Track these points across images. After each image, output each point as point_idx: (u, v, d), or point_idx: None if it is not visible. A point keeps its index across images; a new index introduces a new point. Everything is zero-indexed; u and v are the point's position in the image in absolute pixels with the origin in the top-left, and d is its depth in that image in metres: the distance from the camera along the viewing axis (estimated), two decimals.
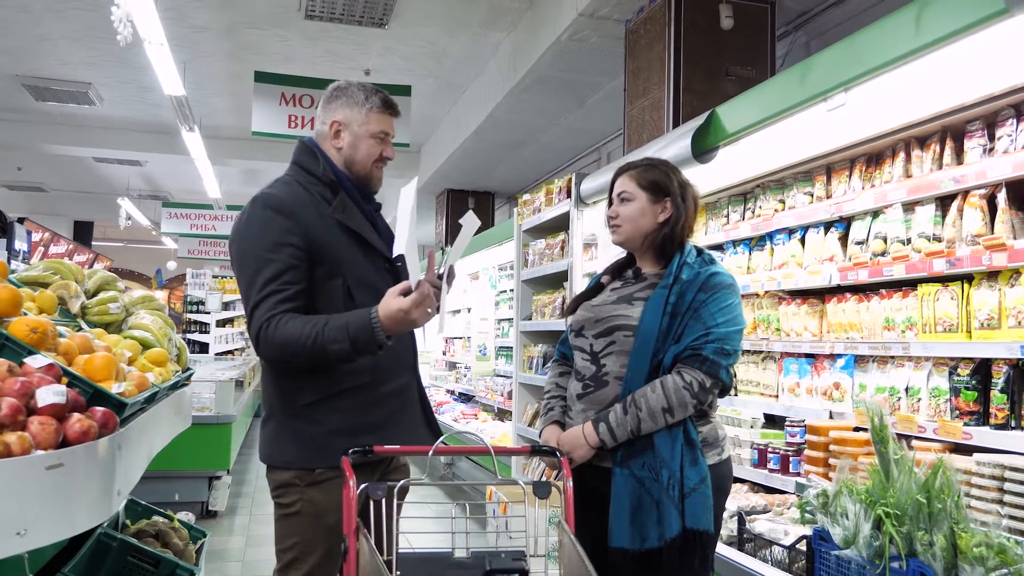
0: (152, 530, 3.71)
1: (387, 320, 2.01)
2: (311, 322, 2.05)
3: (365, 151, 2.27)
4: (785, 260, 3.46)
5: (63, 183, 14.57)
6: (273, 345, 2.06)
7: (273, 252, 2.09)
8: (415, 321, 2.03)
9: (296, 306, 2.09)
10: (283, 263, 2.08)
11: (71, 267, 3.38)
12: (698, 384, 2.11)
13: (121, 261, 20.52)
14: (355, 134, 2.26)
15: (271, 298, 2.07)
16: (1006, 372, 2.52)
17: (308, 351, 2.03)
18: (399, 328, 2.04)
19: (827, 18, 5.05)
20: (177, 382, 3.25)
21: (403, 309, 2.00)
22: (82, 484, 1.72)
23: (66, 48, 7.70)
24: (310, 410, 2.15)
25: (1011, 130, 2.56)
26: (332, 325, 2.03)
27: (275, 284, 2.07)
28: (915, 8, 2.26)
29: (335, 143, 2.28)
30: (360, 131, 2.26)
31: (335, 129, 2.28)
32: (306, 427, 2.15)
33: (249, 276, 2.11)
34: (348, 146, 2.27)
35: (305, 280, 2.12)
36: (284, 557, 2.15)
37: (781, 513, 3.05)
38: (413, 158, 10.87)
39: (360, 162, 2.28)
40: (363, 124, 2.26)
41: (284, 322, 2.05)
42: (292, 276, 2.09)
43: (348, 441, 1.96)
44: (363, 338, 2.01)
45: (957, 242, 2.71)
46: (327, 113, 2.30)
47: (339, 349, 2.02)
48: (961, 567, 1.99)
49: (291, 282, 2.08)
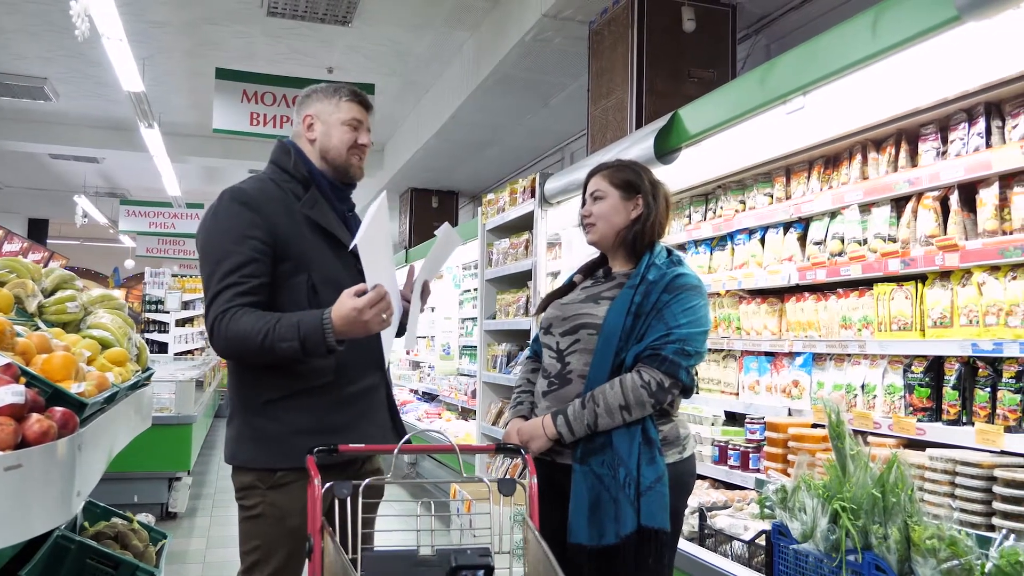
0: (111, 532, 3.66)
1: (339, 321, 1.99)
2: (265, 318, 2.03)
3: (338, 137, 2.27)
4: (745, 260, 3.51)
5: (17, 180, 14.25)
6: (225, 338, 2.05)
7: (236, 244, 2.08)
8: (368, 323, 2.00)
9: (254, 300, 2.07)
10: (245, 256, 2.07)
11: (28, 265, 3.32)
12: (656, 383, 2.13)
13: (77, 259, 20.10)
14: (327, 123, 2.27)
15: (229, 290, 2.05)
16: (958, 369, 2.59)
17: (258, 347, 2.01)
18: (352, 330, 2.01)
19: (787, 22, 5.13)
20: (137, 382, 3.20)
21: (356, 308, 1.97)
22: (41, 485, 1.70)
23: (20, 42, 7.54)
24: (272, 408, 2.13)
25: (963, 134, 2.63)
26: (284, 323, 2.01)
27: (234, 276, 2.06)
28: (872, 14, 2.32)
29: (309, 135, 2.29)
30: (331, 119, 2.27)
31: (308, 123, 2.29)
32: (267, 425, 2.13)
33: (210, 267, 2.10)
34: (321, 135, 2.27)
35: (267, 275, 2.10)
36: (247, 559, 2.14)
37: (741, 509, 3.10)
38: (377, 157, 10.82)
39: (335, 148, 2.27)
40: (334, 113, 2.27)
41: (239, 316, 2.03)
42: (253, 269, 2.08)
43: (311, 441, 1.94)
44: (313, 338, 1.99)
45: (911, 243, 2.78)
46: (300, 112, 2.32)
47: (288, 348, 2.00)
48: (914, 559, 2.04)
49: (251, 275, 2.07)
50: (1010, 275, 2.45)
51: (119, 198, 14.81)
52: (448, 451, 1.96)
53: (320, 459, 1.89)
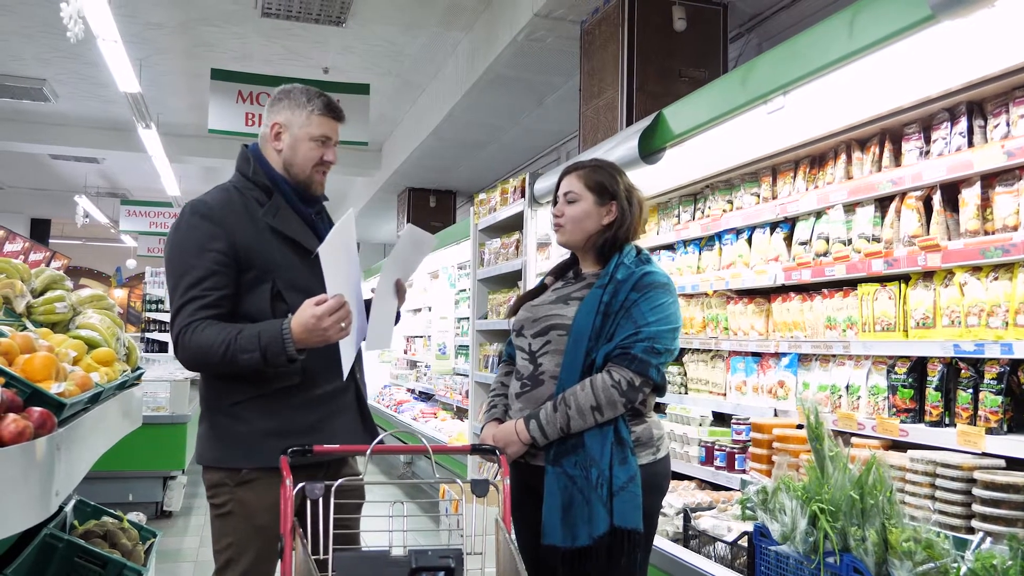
0: (100, 531, 3.67)
1: (299, 329, 2.01)
2: (227, 330, 2.05)
3: (304, 154, 2.25)
4: (733, 260, 3.51)
5: (19, 180, 14.30)
6: (189, 351, 2.08)
7: (196, 258, 2.10)
8: (326, 331, 2.01)
9: (217, 313, 2.09)
10: (205, 269, 2.09)
11: (17, 266, 3.33)
12: (627, 382, 2.13)
13: (80, 259, 20.13)
14: (295, 136, 2.25)
15: (191, 304, 2.08)
16: (940, 370, 2.58)
17: (220, 359, 2.04)
18: (311, 338, 2.02)
19: (778, 21, 5.11)
20: (125, 382, 3.21)
21: (315, 316, 1.99)
22: (17, 484, 1.70)
23: (18, 44, 7.56)
24: (238, 409, 2.15)
25: (945, 133, 2.62)
26: (245, 334, 2.04)
27: (196, 290, 2.08)
28: (848, 13, 2.31)
29: (275, 145, 2.27)
30: (300, 133, 2.25)
31: (276, 131, 2.27)
32: (233, 426, 2.15)
33: (173, 281, 2.13)
34: (288, 148, 2.25)
35: (230, 286, 2.12)
36: (220, 558, 2.15)
37: (725, 510, 3.10)
38: (374, 156, 10.81)
39: (299, 165, 2.26)
40: (303, 127, 2.25)
41: (201, 329, 2.06)
42: (214, 282, 2.09)
43: (276, 442, 1.95)
44: (273, 348, 2.02)
45: (895, 243, 2.77)
46: (270, 115, 2.30)
47: (250, 359, 2.03)
48: (891, 561, 2.04)
49: (213, 288, 2.09)
50: (991, 275, 2.44)
51: (120, 198, 14.85)
52: (422, 452, 1.96)
53: (294, 459, 1.89)
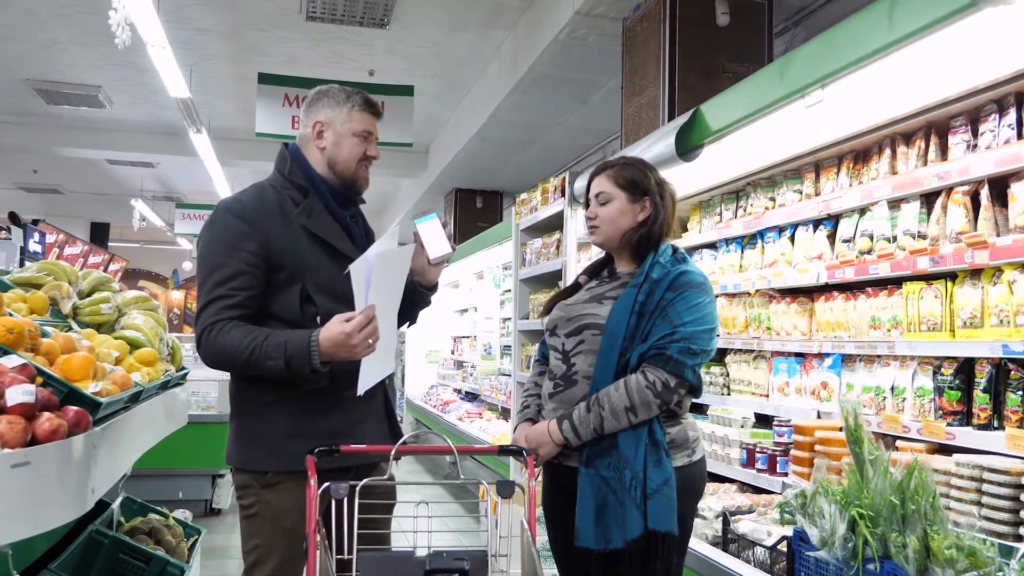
0: (146, 527, 3.75)
1: (327, 343, 2.01)
2: (252, 334, 2.05)
3: (348, 150, 2.26)
4: (775, 258, 3.43)
5: (78, 185, 14.70)
6: (213, 351, 2.08)
7: (226, 256, 2.10)
8: (355, 347, 2.01)
9: (243, 313, 2.10)
10: (234, 268, 2.09)
11: (65, 268, 3.41)
12: (661, 384, 2.09)
13: (137, 262, 20.67)
14: (338, 133, 2.26)
15: (217, 303, 2.08)
16: (988, 372, 2.49)
17: (244, 363, 2.05)
18: (339, 353, 2.02)
19: (826, 13, 5.00)
20: (168, 381, 3.27)
21: (345, 332, 1.99)
22: (52, 482, 1.73)
23: (74, 52, 7.77)
24: (265, 410, 2.15)
25: (993, 125, 2.52)
26: (272, 341, 2.04)
27: (223, 288, 2.08)
28: (887, 3, 2.24)
29: (318, 143, 2.28)
30: (343, 130, 2.26)
31: (318, 130, 2.28)
32: (259, 427, 2.15)
33: (202, 278, 2.13)
34: (332, 145, 2.27)
35: (257, 286, 2.12)
36: (248, 559, 2.16)
37: (765, 513, 3.03)
38: (421, 158, 10.87)
39: (344, 161, 2.27)
40: (345, 123, 2.26)
41: (227, 330, 2.06)
42: (242, 282, 2.10)
43: (302, 445, 1.95)
44: (298, 359, 2.02)
45: (941, 240, 2.68)
46: (309, 115, 2.31)
47: (274, 365, 2.03)
48: (933, 569, 1.97)
49: (240, 288, 2.09)
50: None
51: (175, 201, 15.16)
52: (447, 452, 1.95)
53: (321, 461, 1.89)
